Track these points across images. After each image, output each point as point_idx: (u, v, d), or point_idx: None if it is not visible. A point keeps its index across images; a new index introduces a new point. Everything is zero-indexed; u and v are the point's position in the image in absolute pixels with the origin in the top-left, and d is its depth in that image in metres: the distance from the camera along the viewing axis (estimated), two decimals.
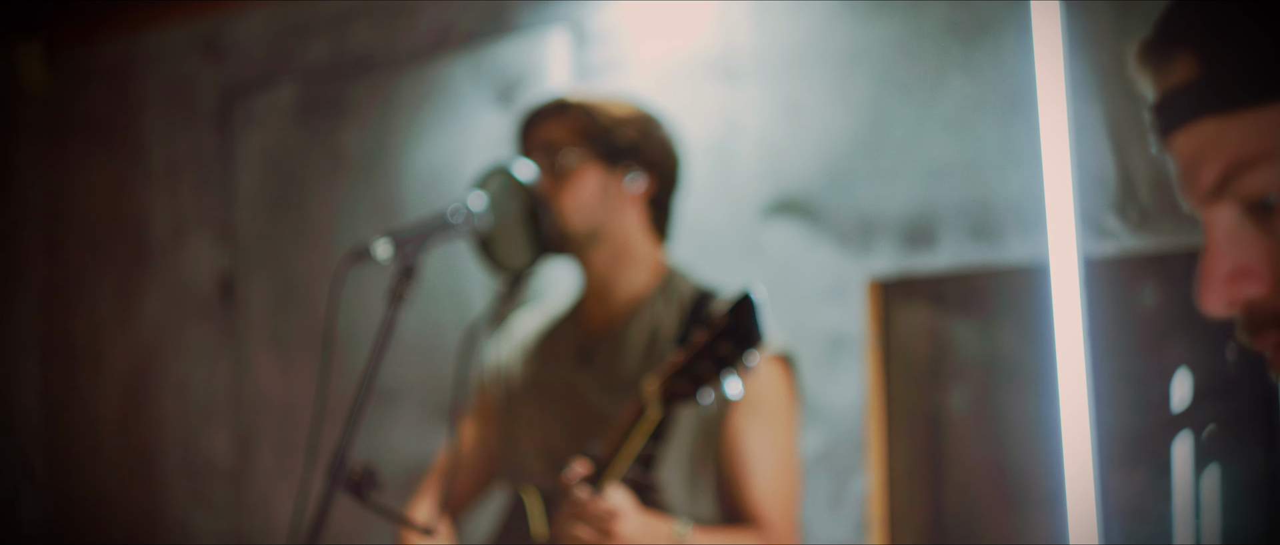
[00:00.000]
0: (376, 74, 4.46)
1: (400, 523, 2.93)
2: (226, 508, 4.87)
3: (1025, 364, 3.43)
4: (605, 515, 2.78)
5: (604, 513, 2.78)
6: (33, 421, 5.37)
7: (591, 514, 2.80)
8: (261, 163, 4.76)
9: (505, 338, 3.56)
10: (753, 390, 3.10)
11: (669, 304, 3.24)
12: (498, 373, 3.52)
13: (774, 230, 3.63)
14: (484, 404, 3.56)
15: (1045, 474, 3.32)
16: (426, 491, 3.56)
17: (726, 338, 2.65)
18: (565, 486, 2.88)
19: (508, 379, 3.48)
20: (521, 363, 3.47)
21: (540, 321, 3.51)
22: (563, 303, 3.51)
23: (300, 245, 4.64)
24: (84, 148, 5.27)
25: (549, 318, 3.50)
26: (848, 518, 3.49)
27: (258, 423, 4.78)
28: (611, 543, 2.80)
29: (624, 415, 2.78)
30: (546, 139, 3.28)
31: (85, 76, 5.27)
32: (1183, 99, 1.21)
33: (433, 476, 3.59)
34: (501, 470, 3.49)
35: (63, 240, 5.33)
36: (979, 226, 3.32)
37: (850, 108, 3.51)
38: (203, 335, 4.95)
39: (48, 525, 5.33)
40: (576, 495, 2.82)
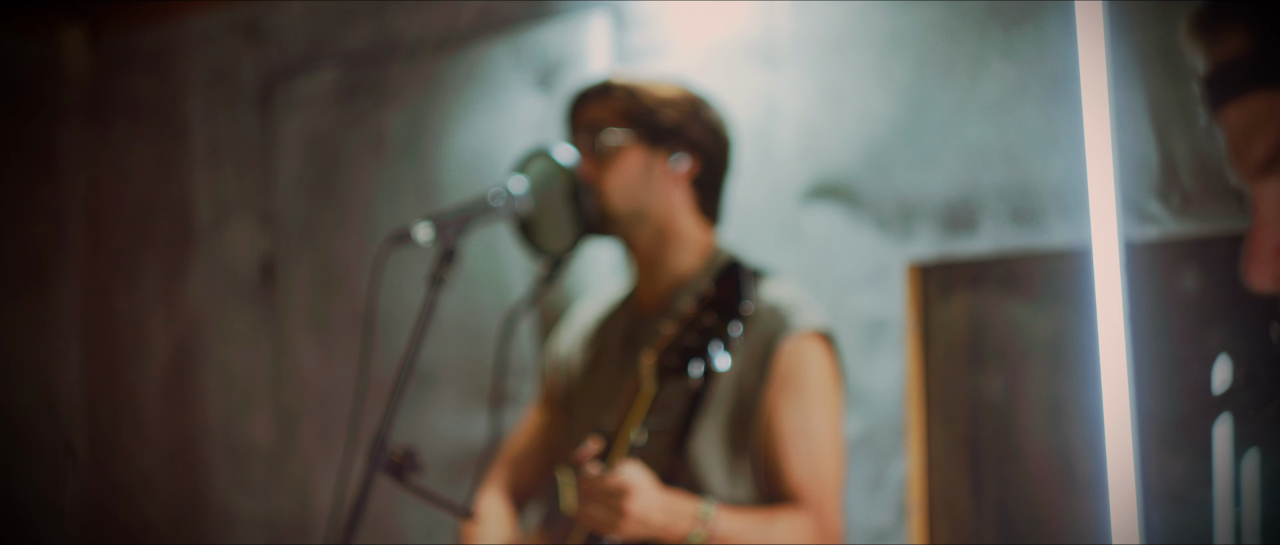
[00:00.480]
0: (417, 58, 4.47)
1: (440, 505, 2.93)
2: (267, 489, 4.90)
3: (1066, 349, 3.42)
4: (615, 491, 2.78)
5: (614, 488, 2.78)
6: (75, 403, 5.40)
7: (601, 490, 2.80)
8: (302, 146, 4.78)
9: (567, 326, 3.58)
10: (791, 367, 3.09)
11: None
12: (560, 362, 3.53)
13: (814, 214, 3.63)
14: (548, 393, 3.57)
15: (1086, 459, 3.32)
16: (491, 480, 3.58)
17: (710, 308, 2.63)
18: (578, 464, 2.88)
19: (568, 368, 3.49)
20: (580, 352, 3.48)
21: (598, 309, 3.51)
22: (619, 289, 3.52)
23: (341, 229, 4.66)
24: (126, 132, 5.29)
25: (605, 305, 3.51)
26: (887, 502, 3.49)
27: (298, 405, 4.80)
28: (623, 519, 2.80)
29: (625, 392, 2.78)
30: (591, 120, 3.28)
31: (128, 61, 5.29)
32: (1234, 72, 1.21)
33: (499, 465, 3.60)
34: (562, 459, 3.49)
35: (105, 223, 5.35)
36: (1020, 211, 3.31)
37: (891, 92, 3.51)
38: (244, 318, 4.97)
39: (89, 506, 5.36)
40: (587, 472, 2.83)
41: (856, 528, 3.53)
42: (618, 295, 3.51)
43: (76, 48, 5.31)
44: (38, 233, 5.33)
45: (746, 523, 2.95)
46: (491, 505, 3.49)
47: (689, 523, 2.87)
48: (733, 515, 2.94)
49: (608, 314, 3.48)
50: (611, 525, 2.80)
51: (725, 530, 2.90)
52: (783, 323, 3.09)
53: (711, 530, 2.88)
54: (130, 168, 5.29)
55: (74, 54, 5.32)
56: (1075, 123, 3.21)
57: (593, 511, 2.82)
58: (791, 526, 3.00)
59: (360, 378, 3.00)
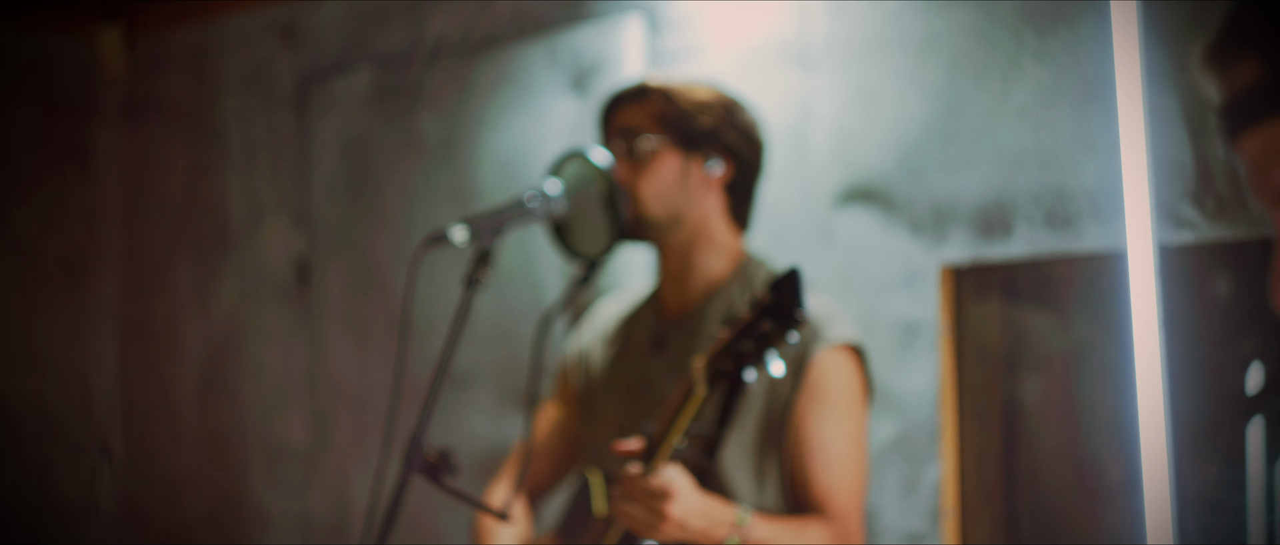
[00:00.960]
0: (452, 59, 4.48)
1: (475, 506, 2.94)
2: (302, 490, 4.91)
3: (1099, 353, 3.42)
4: (657, 493, 2.78)
5: (656, 490, 2.78)
6: (112, 403, 5.42)
7: (642, 491, 2.80)
8: (338, 147, 4.79)
9: (587, 324, 3.58)
10: (821, 380, 3.10)
11: (744, 290, 3.24)
12: (578, 359, 3.53)
13: (847, 217, 3.63)
14: (564, 389, 3.57)
15: (1119, 463, 3.31)
16: (504, 476, 3.58)
17: (769, 315, 2.63)
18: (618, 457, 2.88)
19: (587, 365, 3.50)
20: (600, 349, 3.49)
21: (621, 308, 3.52)
22: (643, 289, 3.52)
23: (376, 230, 4.67)
24: (163, 132, 5.32)
25: (629, 304, 3.51)
26: (921, 506, 3.49)
27: (333, 406, 4.81)
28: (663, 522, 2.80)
29: (674, 394, 2.78)
30: (626, 124, 3.28)
31: (164, 61, 5.32)
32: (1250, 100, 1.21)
33: (511, 461, 3.61)
34: (579, 456, 3.50)
35: (142, 224, 5.38)
36: (1054, 215, 3.31)
37: (925, 95, 3.51)
38: (279, 319, 4.98)
39: (125, 505, 5.38)
40: (628, 472, 2.83)
41: (890, 531, 3.53)
42: (640, 295, 3.51)
43: (113, 49, 5.34)
44: (75, 233, 5.35)
45: (780, 529, 2.96)
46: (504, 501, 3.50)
47: (726, 528, 2.87)
48: (767, 522, 2.95)
49: (630, 314, 3.48)
50: (651, 527, 2.80)
51: (760, 536, 2.91)
52: (815, 334, 3.09)
53: (747, 536, 2.88)
54: (166, 168, 5.31)
55: (111, 55, 5.35)
56: (1110, 126, 3.21)
57: (633, 512, 2.82)
58: (821, 534, 3.01)
59: (396, 379, 3.01)
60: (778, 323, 2.61)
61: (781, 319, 2.60)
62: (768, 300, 2.62)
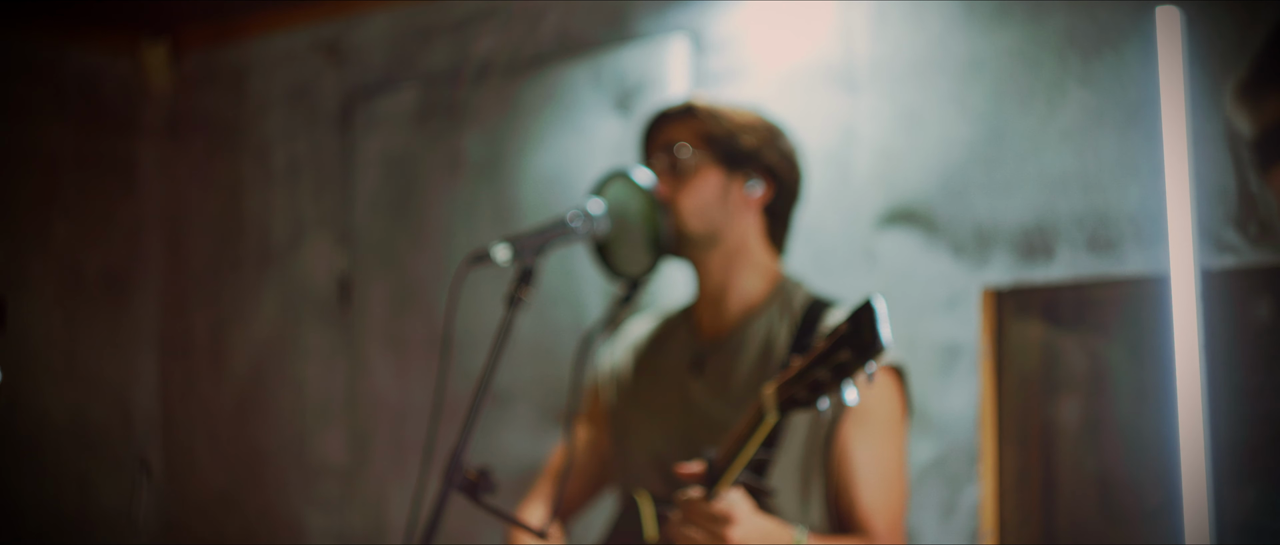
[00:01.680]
0: (497, 79, 4.49)
1: (514, 524, 2.95)
2: (341, 507, 4.92)
3: (1140, 376, 3.42)
4: (720, 517, 2.78)
5: (718, 515, 2.78)
6: (151, 419, 5.44)
7: (705, 516, 2.80)
8: (381, 166, 4.81)
9: (619, 342, 3.59)
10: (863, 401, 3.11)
11: (783, 313, 3.24)
12: (611, 377, 3.54)
13: (889, 239, 3.64)
14: (596, 408, 3.58)
15: (1158, 487, 3.31)
16: (537, 494, 3.59)
17: (846, 345, 2.62)
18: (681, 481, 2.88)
19: (620, 384, 3.50)
20: (634, 368, 3.49)
21: (653, 327, 3.52)
22: (676, 308, 3.53)
23: (418, 248, 4.69)
24: (206, 149, 5.34)
25: (660, 323, 3.51)
26: (960, 527, 3.49)
27: (373, 424, 4.82)
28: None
29: (743, 421, 2.77)
30: (671, 139, 3.30)
31: (209, 78, 5.34)
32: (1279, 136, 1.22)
33: (543, 479, 3.62)
34: (613, 475, 3.50)
35: (184, 240, 5.40)
36: (1096, 238, 3.31)
37: (968, 118, 3.51)
38: (320, 336, 5.00)
39: (164, 520, 5.40)
40: (690, 496, 2.83)
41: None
42: (672, 314, 3.52)
43: (158, 65, 5.37)
44: (117, 248, 5.38)
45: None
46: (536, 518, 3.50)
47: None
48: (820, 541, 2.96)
49: (664, 333, 3.49)
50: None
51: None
52: None
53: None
54: (210, 185, 5.33)
55: (156, 72, 5.37)
56: (1153, 151, 3.21)
57: (695, 536, 2.82)
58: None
59: (436, 396, 3.02)
60: (856, 353, 2.59)
61: (861, 349, 2.58)
62: (845, 330, 2.61)
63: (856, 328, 2.58)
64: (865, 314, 2.57)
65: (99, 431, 5.31)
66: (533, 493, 3.61)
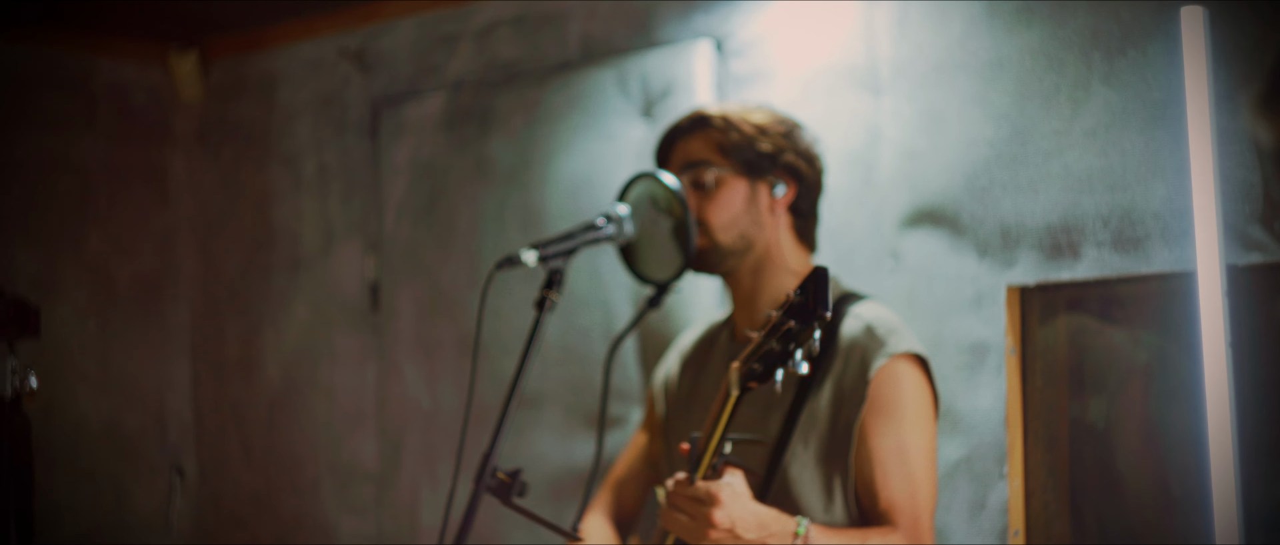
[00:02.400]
0: (522, 85, 4.51)
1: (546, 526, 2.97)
2: (372, 511, 4.94)
3: (1167, 373, 3.42)
4: (703, 499, 2.78)
5: (701, 496, 2.78)
6: (185, 424, 5.47)
7: (687, 498, 2.80)
8: (409, 172, 4.83)
9: (671, 352, 3.61)
10: (886, 389, 3.11)
11: None
12: (663, 386, 3.56)
13: (914, 239, 3.65)
14: (651, 417, 3.60)
15: (1186, 483, 3.31)
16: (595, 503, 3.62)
17: (793, 314, 2.62)
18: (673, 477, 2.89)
19: (671, 393, 3.53)
20: (682, 377, 3.51)
21: (700, 334, 3.54)
22: (721, 317, 3.55)
23: (446, 254, 4.70)
24: (236, 157, 5.37)
25: (707, 331, 3.53)
26: (989, 525, 3.50)
27: (403, 428, 4.84)
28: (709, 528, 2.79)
29: (715, 402, 2.78)
30: (689, 157, 3.30)
31: (238, 88, 5.37)
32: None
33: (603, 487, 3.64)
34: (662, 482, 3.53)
35: (215, 248, 5.43)
36: (1122, 237, 3.32)
37: (992, 118, 3.52)
38: (351, 342, 5.02)
39: (198, 526, 5.43)
40: (675, 479, 2.84)
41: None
42: (717, 322, 3.54)
43: (188, 75, 5.39)
44: (149, 257, 5.41)
45: (840, 541, 2.96)
46: (594, 526, 3.53)
47: (784, 538, 2.87)
48: (826, 533, 2.95)
49: (707, 341, 3.51)
50: (698, 534, 2.80)
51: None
52: (880, 344, 3.11)
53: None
54: (240, 193, 5.36)
55: (185, 81, 5.40)
56: (1178, 148, 3.22)
57: (680, 519, 2.82)
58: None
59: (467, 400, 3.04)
60: (801, 320, 2.60)
61: (806, 316, 2.59)
62: (794, 299, 2.62)
63: (804, 296, 2.59)
64: (812, 282, 2.58)
65: (133, 437, 5.34)
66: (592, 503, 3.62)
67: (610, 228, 3.18)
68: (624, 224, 3.20)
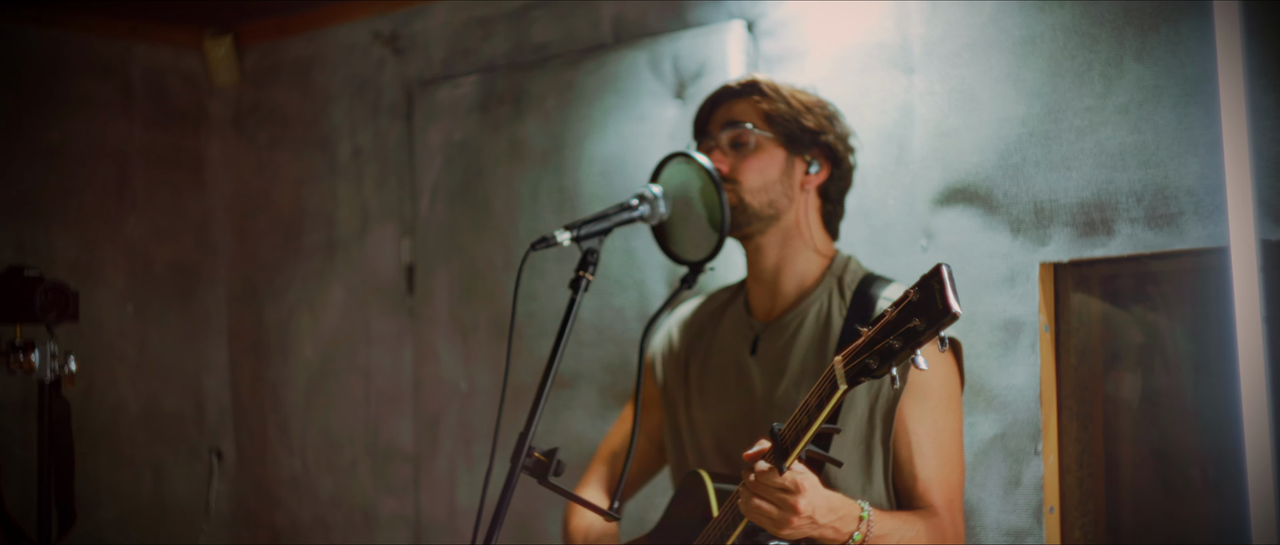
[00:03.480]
0: (556, 67, 4.52)
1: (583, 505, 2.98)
2: (409, 492, 4.97)
3: (1201, 350, 3.42)
4: (791, 488, 2.80)
5: (789, 486, 2.80)
6: (222, 407, 5.50)
7: (774, 487, 2.81)
8: (443, 155, 4.84)
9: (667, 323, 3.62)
10: (923, 374, 3.12)
11: (837, 290, 3.27)
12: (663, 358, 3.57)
13: (947, 218, 3.65)
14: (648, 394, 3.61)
15: (1222, 460, 3.31)
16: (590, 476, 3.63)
17: (917, 313, 2.59)
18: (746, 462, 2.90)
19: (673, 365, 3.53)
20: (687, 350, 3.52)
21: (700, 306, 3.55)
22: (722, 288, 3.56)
23: (481, 235, 4.72)
24: (272, 141, 5.39)
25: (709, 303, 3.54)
26: (1023, 501, 3.50)
27: (440, 409, 4.86)
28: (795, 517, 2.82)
29: (812, 392, 2.77)
30: (733, 116, 3.32)
31: (273, 72, 5.39)
32: None
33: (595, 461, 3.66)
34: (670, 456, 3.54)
35: (251, 232, 5.45)
36: (1155, 214, 3.31)
37: (1024, 95, 3.52)
38: (387, 323, 5.04)
39: (237, 507, 5.46)
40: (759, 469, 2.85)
41: (992, 528, 3.54)
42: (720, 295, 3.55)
43: (223, 60, 5.42)
44: (186, 241, 5.44)
45: (897, 524, 2.99)
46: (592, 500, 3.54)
47: (852, 523, 2.90)
48: (886, 517, 2.98)
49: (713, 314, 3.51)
50: (782, 523, 2.82)
51: (881, 530, 2.94)
52: None
53: (868, 530, 2.92)
54: (276, 177, 5.38)
55: (221, 67, 5.43)
56: (1211, 124, 3.21)
57: (764, 508, 2.83)
58: (929, 527, 3.05)
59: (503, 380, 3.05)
60: (927, 320, 2.56)
61: (932, 316, 2.55)
62: (914, 297, 2.59)
63: (927, 294, 2.56)
64: (934, 280, 2.54)
65: (172, 420, 5.38)
66: (586, 476, 3.65)
67: (644, 208, 3.19)
68: (657, 204, 3.21)
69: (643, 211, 3.19)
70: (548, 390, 2.92)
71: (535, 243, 2.99)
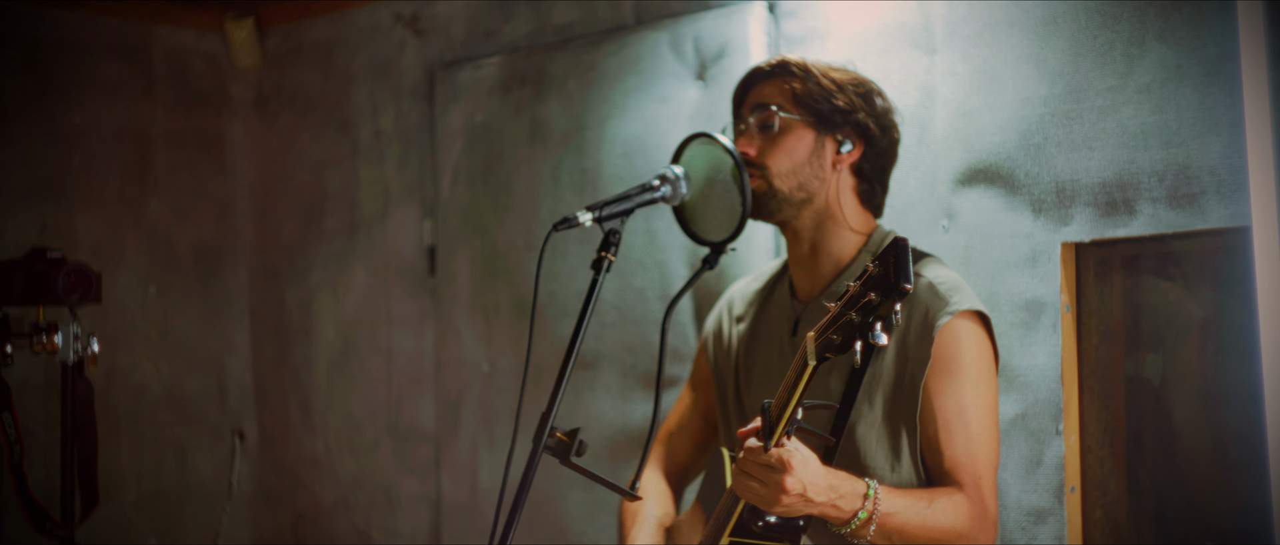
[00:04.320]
0: (577, 48, 4.52)
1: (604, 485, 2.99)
2: (431, 473, 4.98)
3: (1223, 329, 3.42)
4: (775, 466, 2.80)
5: (774, 463, 2.80)
6: (245, 388, 5.52)
7: (759, 465, 2.82)
8: (465, 136, 4.85)
9: (721, 307, 3.62)
10: (951, 347, 3.11)
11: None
12: (714, 341, 3.57)
13: (969, 198, 3.65)
14: (698, 373, 3.61)
15: (1243, 440, 3.31)
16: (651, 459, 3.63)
17: (873, 286, 2.61)
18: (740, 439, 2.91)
19: (724, 348, 3.53)
20: (736, 332, 3.52)
21: (753, 288, 3.55)
22: (772, 270, 3.56)
23: (503, 216, 4.72)
24: (293, 123, 5.40)
25: (760, 285, 3.54)
26: (1045, 482, 3.50)
27: (462, 390, 4.87)
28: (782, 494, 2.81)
29: (791, 370, 2.79)
30: (762, 99, 3.32)
31: (295, 54, 5.40)
32: None
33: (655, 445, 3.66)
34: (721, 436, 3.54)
35: (273, 213, 5.47)
36: (1177, 193, 3.31)
37: (1046, 75, 3.51)
38: (408, 305, 5.05)
39: (258, 488, 5.48)
40: (748, 446, 2.85)
41: (1013, 508, 3.54)
42: (771, 276, 3.54)
43: (245, 42, 5.43)
44: (208, 223, 5.45)
45: (907, 501, 2.97)
46: (647, 481, 3.55)
47: (855, 501, 2.89)
48: (895, 495, 2.96)
49: (763, 296, 3.51)
50: (770, 500, 2.82)
51: (888, 508, 2.92)
52: (943, 302, 3.11)
53: (874, 509, 2.90)
54: (297, 159, 5.39)
55: (243, 48, 5.44)
56: (1234, 104, 3.20)
57: (752, 486, 2.84)
58: (950, 506, 3.01)
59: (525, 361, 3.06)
60: (882, 293, 2.58)
61: (886, 289, 2.57)
62: (874, 271, 2.61)
63: (883, 268, 2.58)
64: (891, 253, 2.55)
65: (194, 402, 5.39)
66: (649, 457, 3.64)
67: (665, 188, 3.19)
68: (679, 185, 3.21)
69: (664, 192, 3.19)
70: (569, 371, 2.92)
71: (557, 224, 2.99)
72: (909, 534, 2.96)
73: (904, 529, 2.95)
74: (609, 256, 3.01)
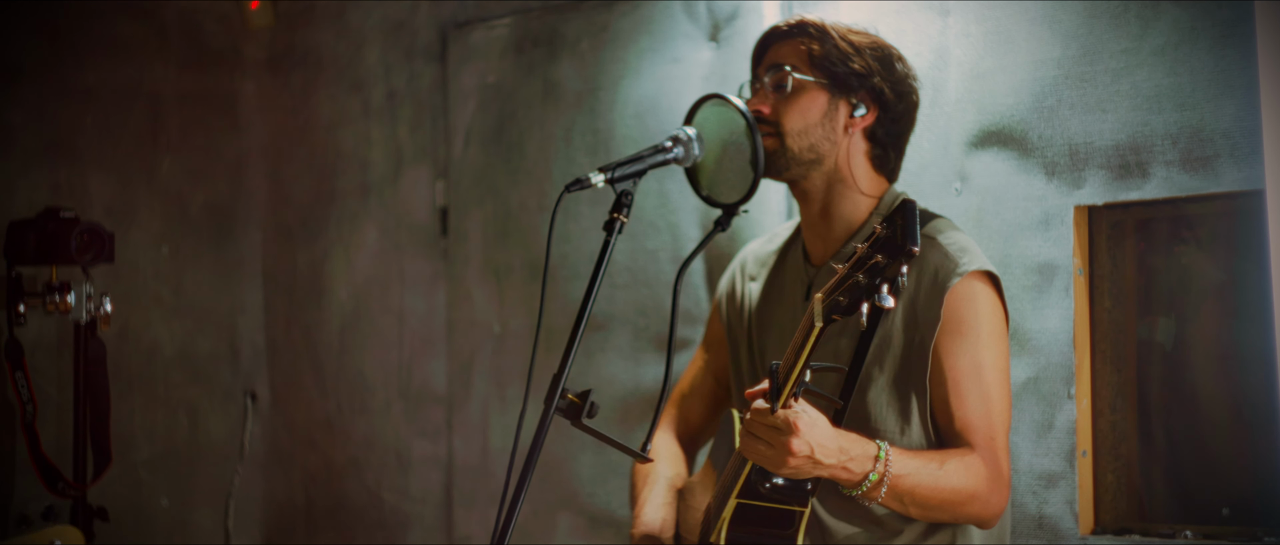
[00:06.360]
0: (590, 9, 4.52)
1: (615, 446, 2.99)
2: (443, 434, 4.98)
3: (1235, 292, 3.41)
4: (782, 428, 2.80)
5: (780, 425, 2.81)
6: (257, 349, 5.52)
7: (766, 427, 2.83)
8: (477, 97, 4.84)
9: (734, 268, 3.61)
10: (961, 307, 3.10)
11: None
12: (728, 302, 3.57)
13: (982, 160, 3.64)
14: (715, 335, 3.61)
15: (1256, 404, 3.31)
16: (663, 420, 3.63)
17: (880, 248, 2.61)
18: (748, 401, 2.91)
19: (738, 309, 3.53)
20: (750, 294, 3.52)
21: (767, 250, 3.55)
22: (785, 232, 3.55)
23: (515, 178, 4.72)
24: (306, 83, 5.39)
25: (774, 247, 3.54)
26: (1056, 445, 3.50)
27: (473, 351, 4.88)
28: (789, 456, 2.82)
29: (799, 332, 2.79)
30: (778, 59, 3.31)
31: (307, 14, 5.39)
32: None
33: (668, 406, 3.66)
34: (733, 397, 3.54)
35: (286, 174, 5.46)
36: (1190, 156, 3.30)
37: (1060, 37, 3.50)
38: (420, 266, 5.05)
39: (271, 448, 5.49)
40: (755, 408, 2.86)
41: (1025, 471, 3.54)
42: (784, 239, 3.54)
43: (258, 2, 5.42)
44: (221, 184, 5.45)
45: (920, 463, 2.97)
46: (660, 443, 3.55)
47: (866, 462, 2.89)
48: (906, 456, 2.96)
49: (777, 258, 3.51)
50: (778, 462, 2.83)
51: (899, 470, 2.92)
52: (953, 263, 3.11)
53: (886, 471, 2.90)
54: (310, 119, 5.39)
55: (255, 9, 5.43)
56: (1248, 66, 3.19)
57: (759, 448, 2.85)
58: (963, 466, 3.01)
59: (537, 323, 3.06)
60: (889, 255, 2.59)
61: (893, 251, 2.58)
62: (881, 233, 2.61)
63: (891, 230, 2.58)
64: (899, 215, 2.56)
65: (206, 362, 5.40)
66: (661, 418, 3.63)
67: (678, 150, 3.18)
68: (692, 146, 3.21)
69: (677, 153, 3.18)
70: (581, 333, 2.92)
71: (569, 185, 2.99)
72: (921, 495, 2.96)
73: (916, 490, 2.95)
74: (621, 218, 3.00)
